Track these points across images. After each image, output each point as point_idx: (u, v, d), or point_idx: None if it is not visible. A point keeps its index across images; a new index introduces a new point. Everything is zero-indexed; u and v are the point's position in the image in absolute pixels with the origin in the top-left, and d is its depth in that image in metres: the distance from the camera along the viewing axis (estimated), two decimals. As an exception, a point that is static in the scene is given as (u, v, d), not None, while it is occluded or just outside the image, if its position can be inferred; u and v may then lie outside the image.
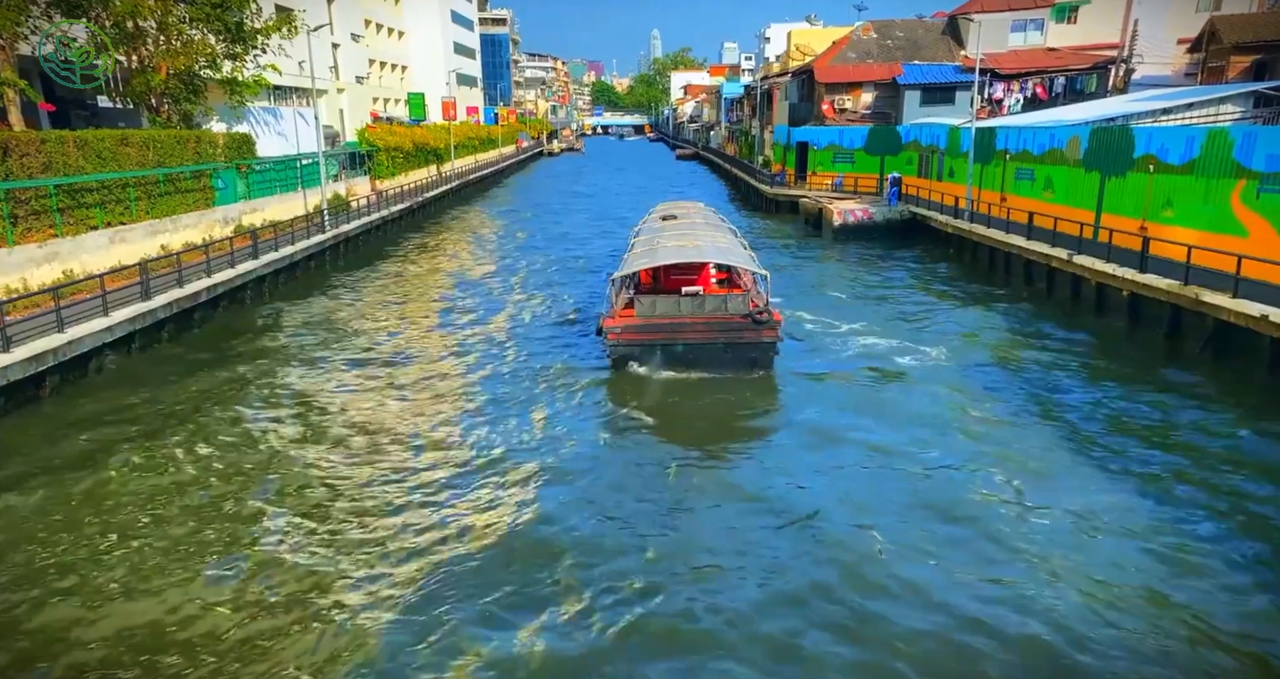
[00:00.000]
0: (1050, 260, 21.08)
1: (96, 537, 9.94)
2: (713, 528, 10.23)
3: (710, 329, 15.37)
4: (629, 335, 15.45)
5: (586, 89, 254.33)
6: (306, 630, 8.23)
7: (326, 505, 10.79)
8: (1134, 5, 41.51)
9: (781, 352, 15.83)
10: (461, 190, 52.84)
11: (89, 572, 9.18)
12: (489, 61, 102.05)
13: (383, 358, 17.68)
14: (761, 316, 15.28)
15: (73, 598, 8.70)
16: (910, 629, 8.09)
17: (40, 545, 9.73)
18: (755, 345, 15.40)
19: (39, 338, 14.25)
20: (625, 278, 17.46)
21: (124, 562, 9.40)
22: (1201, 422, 13.03)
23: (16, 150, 17.53)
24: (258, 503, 10.85)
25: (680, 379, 15.30)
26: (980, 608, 8.38)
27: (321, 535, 10.03)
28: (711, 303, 15.79)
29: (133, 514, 10.51)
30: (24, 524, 10.26)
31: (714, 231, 20.19)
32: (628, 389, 15.11)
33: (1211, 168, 18.13)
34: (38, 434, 12.93)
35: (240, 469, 11.93)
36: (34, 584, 8.94)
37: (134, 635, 8.12)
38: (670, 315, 15.64)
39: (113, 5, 22.74)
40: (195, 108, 26.97)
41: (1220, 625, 8.03)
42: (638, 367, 15.58)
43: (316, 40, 33.75)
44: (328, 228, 28.86)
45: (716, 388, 15.06)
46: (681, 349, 15.44)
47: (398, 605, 8.58)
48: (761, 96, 57.46)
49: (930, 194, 32.44)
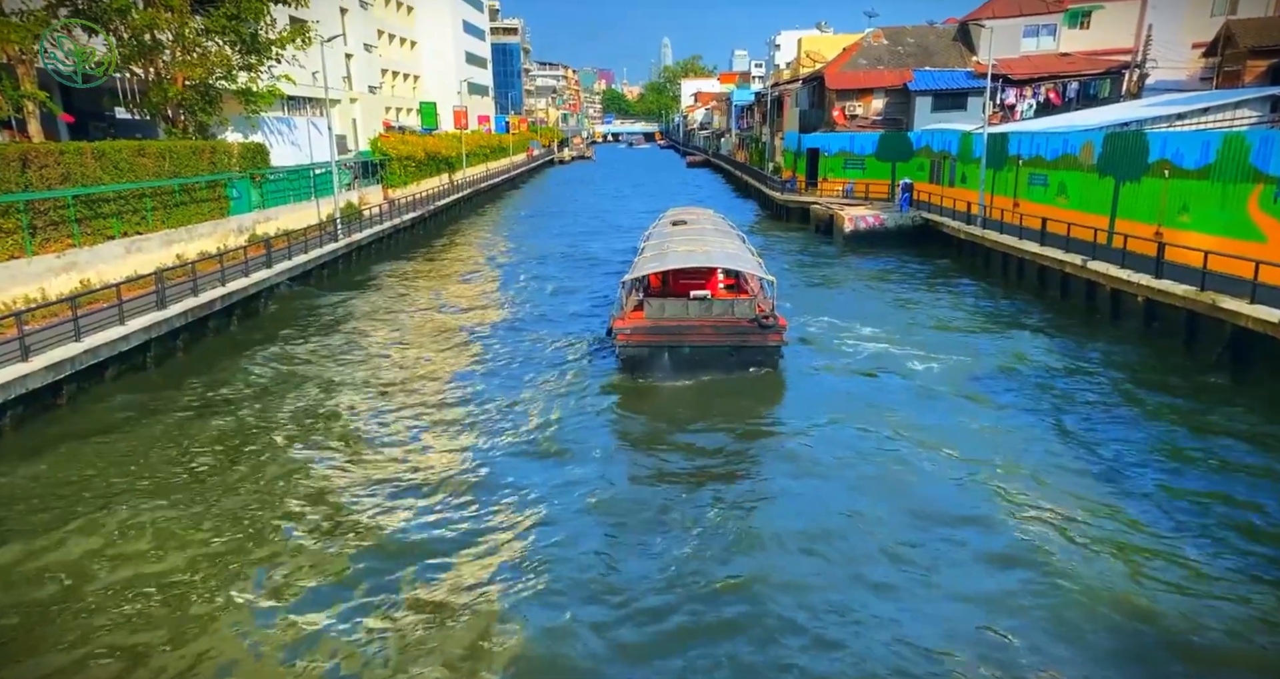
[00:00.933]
0: (1064, 266, 20.93)
1: (111, 546, 10.01)
2: (715, 531, 10.22)
3: (717, 332, 15.67)
4: (638, 337, 15.72)
5: (597, 97, 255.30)
6: (307, 635, 8.25)
7: (340, 507, 10.83)
8: (1148, 10, 41.31)
9: (791, 356, 15.90)
10: (473, 198, 53.10)
11: (101, 577, 9.25)
12: (500, 70, 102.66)
13: (396, 360, 17.79)
14: (767, 321, 15.57)
15: (82, 605, 8.78)
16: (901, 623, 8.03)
17: (52, 557, 9.81)
18: (761, 349, 15.69)
19: (57, 347, 14.39)
20: (635, 281, 17.79)
21: (139, 577, 9.45)
22: (1219, 428, 12.86)
23: (36, 162, 17.75)
24: (269, 513, 10.89)
25: (688, 381, 15.51)
26: (979, 614, 8.31)
27: (335, 536, 10.06)
28: (719, 306, 16.11)
29: (148, 522, 10.58)
30: (39, 532, 10.34)
31: (722, 237, 20.43)
32: (636, 389, 15.36)
33: (1228, 172, 17.96)
34: (55, 442, 13.04)
35: (252, 478, 11.98)
36: (42, 587, 9.02)
37: (136, 636, 8.16)
38: (678, 318, 15.94)
39: (130, 18, 23.02)
40: (211, 118, 27.25)
41: (1241, 640, 7.92)
42: (646, 368, 15.80)
43: (330, 51, 34.07)
44: (340, 236, 29.07)
45: (723, 390, 15.23)
46: (689, 351, 15.68)
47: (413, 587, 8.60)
48: (772, 103, 57.49)
49: (942, 200, 32.30)
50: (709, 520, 10.51)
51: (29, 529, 10.39)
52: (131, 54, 23.89)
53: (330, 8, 43.90)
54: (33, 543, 10.04)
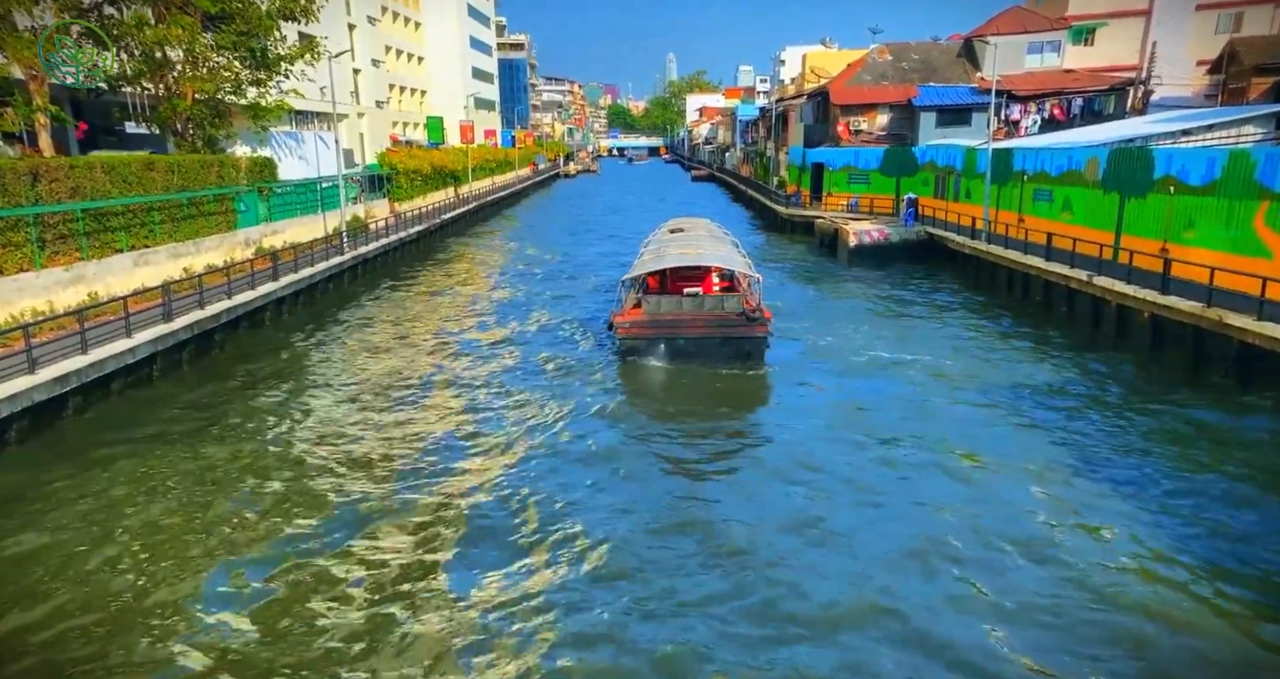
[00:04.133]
0: (1070, 281, 20.90)
1: (113, 557, 9.99)
2: (704, 502, 11.45)
3: (708, 325, 17.23)
4: (636, 330, 17.33)
5: (603, 112, 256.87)
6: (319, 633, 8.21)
7: (345, 512, 10.81)
8: (1152, 27, 41.49)
9: (790, 366, 17.09)
10: (479, 211, 53.34)
11: (105, 588, 9.23)
12: (506, 85, 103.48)
13: (406, 361, 18.21)
14: (754, 315, 17.13)
15: (84, 611, 8.76)
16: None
17: (51, 568, 9.79)
18: (748, 339, 17.18)
19: (63, 359, 14.44)
20: (634, 280, 19.38)
21: (136, 587, 9.43)
22: (1228, 441, 12.78)
23: (46, 176, 17.89)
24: (276, 519, 10.88)
25: (682, 369, 17.09)
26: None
27: (340, 541, 10.04)
28: (710, 302, 17.78)
29: (152, 536, 10.56)
30: (39, 547, 10.33)
31: (716, 242, 21.91)
32: (635, 376, 17.06)
33: (1234, 189, 17.95)
34: (58, 454, 13.06)
35: (258, 490, 11.97)
36: (47, 601, 9.00)
37: (139, 641, 8.14)
38: (673, 313, 17.55)
39: (142, 35, 23.27)
40: (220, 132, 27.47)
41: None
42: (643, 356, 17.42)
43: (338, 66, 34.39)
44: (346, 249, 29.19)
45: (714, 377, 16.79)
46: (683, 343, 17.28)
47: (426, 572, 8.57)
48: (776, 118, 57.76)
49: (947, 215, 32.32)
50: (693, 488, 12.15)
51: (31, 537, 10.38)
52: (142, 69, 24.12)
53: (339, 24, 44.36)
54: (33, 552, 10.03)
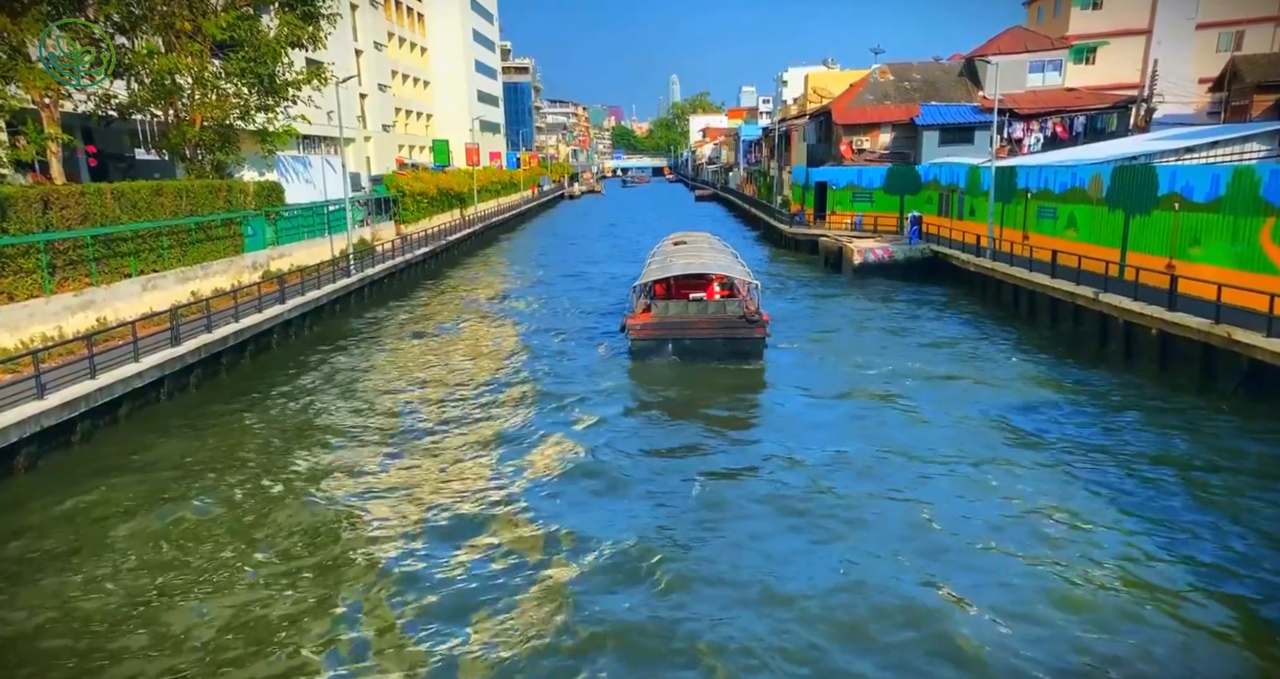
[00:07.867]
0: (1076, 298, 20.85)
1: (122, 585, 9.96)
2: (709, 489, 12.46)
3: (712, 327, 19.09)
4: (646, 331, 19.14)
5: (607, 133, 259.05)
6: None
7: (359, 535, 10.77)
8: (1153, 46, 41.73)
9: (793, 380, 18.13)
10: (484, 233, 53.63)
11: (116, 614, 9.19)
12: (511, 108, 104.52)
13: (419, 377, 18.55)
14: (753, 318, 19.02)
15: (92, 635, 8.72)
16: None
17: (58, 590, 9.77)
18: (748, 340, 19.02)
19: (72, 384, 14.51)
20: (643, 286, 21.39)
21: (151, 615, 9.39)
22: (1240, 455, 12.67)
23: (57, 203, 18.08)
24: (285, 544, 10.84)
25: (688, 365, 18.91)
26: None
27: (349, 559, 9.98)
28: (713, 306, 19.80)
29: (157, 561, 10.54)
30: (48, 570, 10.32)
31: (717, 253, 23.72)
32: (646, 372, 18.87)
33: (1239, 206, 17.95)
34: (69, 480, 13.07)
35: (267, 516, 11.94)
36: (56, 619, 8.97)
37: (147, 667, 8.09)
38: (680, 316, 19.45)
39: (153, 63, 23.61)
40: (229, 158, 27.75)
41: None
42: (653, 355, 19.17)
43: (345, 91, 34.81)
44: (353, 272, 29.35)
45: (716, 374, 18.48)
46: (689, 343, 19.09)
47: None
48: (780, 138, 58.13)
49: (951, 233, 32.36)
50: (699, 477, 13.02)
51: (39, 563, 10.36)
52: (152, 96, 24.45)
53: (346, 49, 44.99)
54: (42, 576, 10.01)
